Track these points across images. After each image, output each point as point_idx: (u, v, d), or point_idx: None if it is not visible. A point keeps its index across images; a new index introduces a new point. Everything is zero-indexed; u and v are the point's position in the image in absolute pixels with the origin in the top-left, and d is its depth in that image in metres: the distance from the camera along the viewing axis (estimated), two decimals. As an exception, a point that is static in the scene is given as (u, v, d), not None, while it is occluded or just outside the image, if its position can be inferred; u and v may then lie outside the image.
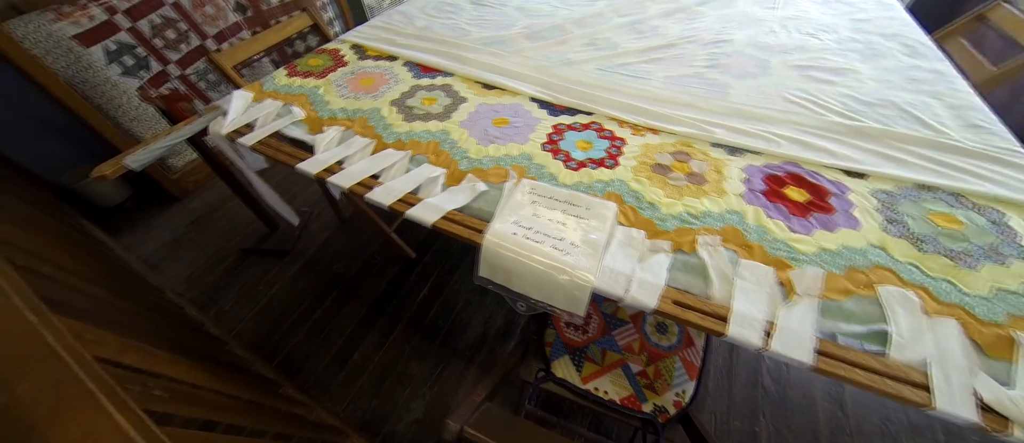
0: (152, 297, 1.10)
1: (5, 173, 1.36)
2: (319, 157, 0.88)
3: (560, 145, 0.92)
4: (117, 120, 1.65)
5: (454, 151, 0.90)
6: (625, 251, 0.70)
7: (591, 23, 1.46)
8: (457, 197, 0.79)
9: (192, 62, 1.85)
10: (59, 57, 1.43)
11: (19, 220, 0.87)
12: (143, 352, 0.57)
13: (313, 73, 1.16)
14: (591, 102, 1.05)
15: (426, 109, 1.02)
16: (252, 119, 1.01)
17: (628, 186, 0.82)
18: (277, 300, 1.47)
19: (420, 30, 1.38)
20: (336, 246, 1.62)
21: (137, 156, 0.91)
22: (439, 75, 1.16)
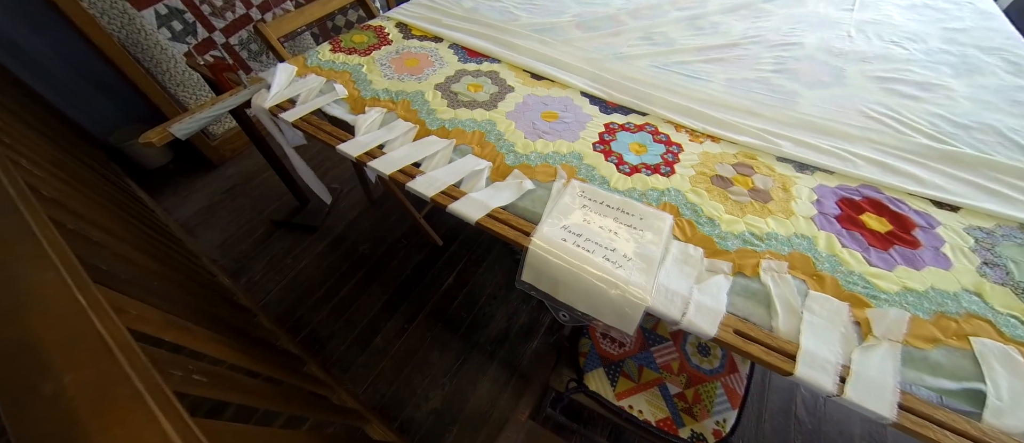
0: (189, 264, 1.12)
1: (62, 130, 1.41)
2: (360, 139, 0.86)
3: (612, 147, 0.86)
4: (163, 84, 1.68)
5: (500, 143, 0.85)
6: (681, 269, 0.65)
7: (647, 15, 1.37)
8: (502, 194, 0.75)
9: (236, 30, 1.86)
10: (114, 18, 1.46)
11: (72, 179, 0.88)
12: (183, 329, 0.57)
13: (357, 50, 1.13)
14: (646, 101, 0.99)
15: (472, 96, 0.98)
16: (294, 94, 0.99)
17: (685, 197, 0.76)
18: (304, 275, 1.48)
19: (467, 12, 1.33)
20: (364, 226, 1.62)
21: (183, 125, 0.90)
22: (486, 60, 1.11)
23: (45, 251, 0.39)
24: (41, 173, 0.74)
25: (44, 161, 0.83)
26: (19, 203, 0.44)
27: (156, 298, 0.66)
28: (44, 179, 0.72)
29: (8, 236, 0.40)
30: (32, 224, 0.43)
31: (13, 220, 0.42)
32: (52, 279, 0.36)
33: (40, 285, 0.35)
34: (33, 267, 0.37)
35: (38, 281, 0.36)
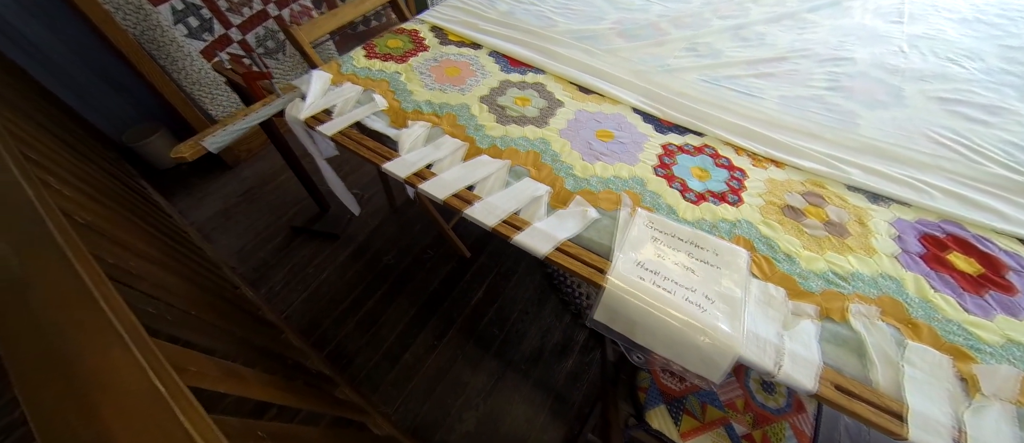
0: (214, 279, 1.07)
1: (79, 132, 1.34)
2: (407, 158, 0.81)
3: (674, 171, 0.82)
4: (179, 82, 1.61)
5: (557, 165, 0.81)
6: (765, 312, 0.61)
7: (689, 24, 1.32)
8: (567, 224, 0.70)
9: (253, 27, 1.79)
10: (129, 14, 1.39)
11: (97, 192, 0.83)
12: (238, 378, 0.52)
13: (393, 56, 1.07)
14: (701, 120, 0.94)
15: (520, 111, 0.93)
16: (330, 104, 0.94)
17: (758, 230, 0.72)
18: (327, 286, 1.44)
19: (503, 15, 1.27)
20: (387, 235, 1.57)
21: (215, 138, 0.85)
22: (529, 71, 1.06)
23: (106, 317, 0.35)
24: (70, 192, 0.69)
25: (70, 175, 0.78)
26: (66, 249, 0.39)
27: (199, 334, 0.62)
28: (75, 200, 0.67)
29: (65, 294, 0.36)
30: (83, 276, 0.38)
31: (67, 276, 0.37)
32: (120, 358, 0.31)
33: (110, 369, 0.31)
34: (98, 340, 0.33)
35: (107, 364, 0.31)
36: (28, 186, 0.47)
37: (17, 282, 0.35)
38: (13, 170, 0.48)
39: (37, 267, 0.37)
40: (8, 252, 0.38)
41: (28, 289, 0.35)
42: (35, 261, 0.38)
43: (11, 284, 0.35)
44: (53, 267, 0.38)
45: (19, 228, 0.41)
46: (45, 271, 0.37)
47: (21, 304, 0.34)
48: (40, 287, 0.35)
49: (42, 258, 0.39)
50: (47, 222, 0.42)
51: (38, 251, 0.39)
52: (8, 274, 0.36)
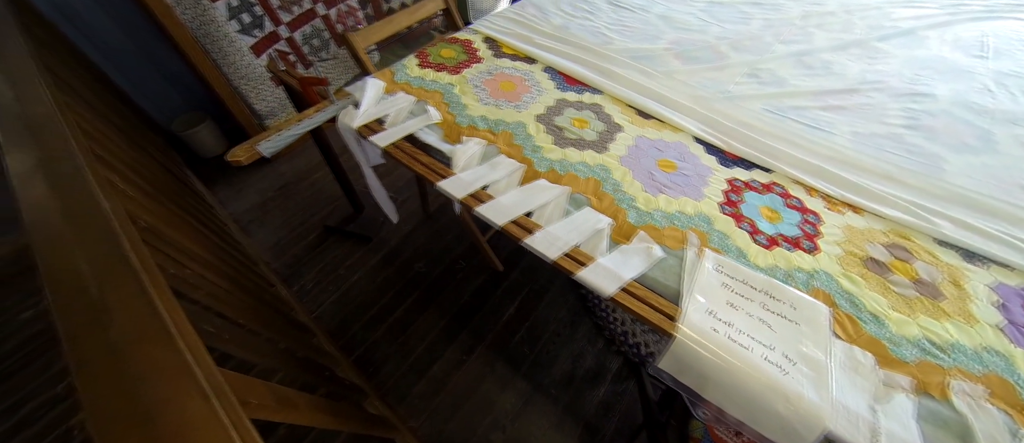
0: (254, 277, 1.07)
1: (132, 119, 1.38)
2: (462, 178, 0.78)
3: (742, 210, 0.77)
4: (228, 75, 1.64)
5: (619, 196, 0.77)
6: (852, 380, 0.56)
7: (749, 48, 1.26)
8: (632, 262, 0.66)
9: (301, 25, 1.81)
10: (188, 8, 1.42)
11: (153, 188, 0.83)
12: (291, 406, 0.50)
13: (446, 66, 1.05)
14: (767, 154, 0.88)
15: (579, 133, 0.89)
16: (383, 113, 0.93)
17: (838, 284, 0.66)
18: (357, 289, 1.43)
19: (557, 30, 1.24)
20: (419, 241, 1.56)
21: (270, 143, 0.85)
22: (586, 90, 1.02)
23: (182, 356, 0.33)
24: (132, 191, 0.69)
25: (130, 171, 0.78)
26: (141, 273, 0.38)
27: (250, 350, 0.60)
28: (136, 200, 0.67)
29: (142, 326, 0.34)
30: (157, 302, 0.36)
31: (142, 303, 0.35)
32: (199, 411, 0.29)
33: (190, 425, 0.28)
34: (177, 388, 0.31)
35: (187, 418, 0.29)
36: (103, 196, 0.46)
37: (96, 309, 0.34)
38: (90, 178, 0.47)
39: (114, 291, 0.36)
40: (88, 274, 0.36)
41: (108, 318, 0.33)
42: (112, 283, 0.37)
43: (91, 310, 0.34)
44: (129, 291, 0.36)
45: (96, 244, 0.40)
46: (122, 297, 0.35)
47: (101, 336, 0.32)
48: (118, 316, 0.34)
49: (118, 280, 0.37)
50: (121, 238, 0.41)
51: (114, 272, 0.38)
52: (88, 299, 0.35)
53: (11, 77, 0.64)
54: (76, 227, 0.41)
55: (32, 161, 0.50)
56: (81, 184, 0.47)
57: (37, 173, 0.48)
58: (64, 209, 0.43)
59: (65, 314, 0.34)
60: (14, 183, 0.48)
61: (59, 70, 0.84)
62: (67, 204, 0.44)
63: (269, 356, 0.63)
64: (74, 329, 0.33)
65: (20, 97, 0.61)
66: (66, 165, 0.50)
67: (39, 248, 0.39)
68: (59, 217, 0.42)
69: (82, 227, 0.41)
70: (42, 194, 0.45)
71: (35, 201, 0.44)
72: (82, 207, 0.44)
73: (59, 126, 0.56)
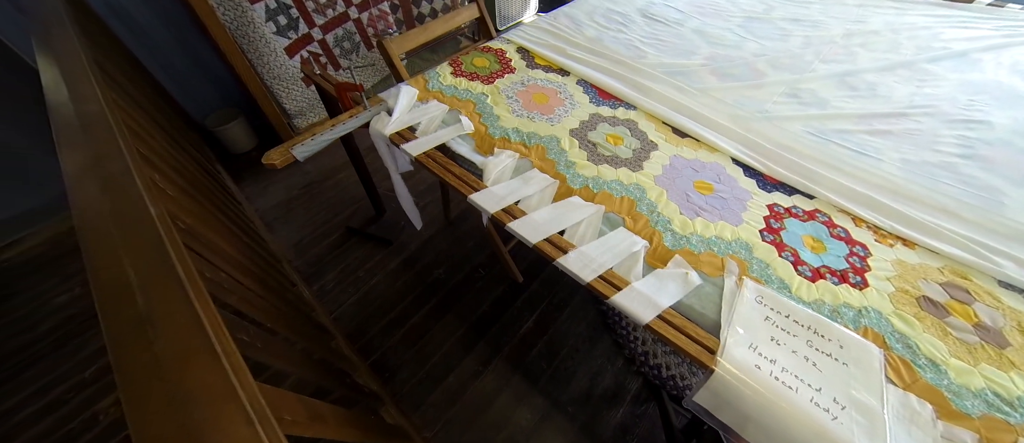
0: (278, 277, 1.08)
1: (170, 114, 1.42)
2: (495, 191, 0.77)
3: (783, 238, 0.73)
4: (261, 75, 1.68)
5: (654, 217, 0.74)
6: (908, 431, 0.52)
7: (788, 66, 1.22)
8: (668, 288, 0.64)
9: (333, 28, 1.85)
10: (229, 10, 1.46)
11: (191, 187, 0.85)
12: (322, 421, 0.49)
13: (479, 76, 1.05)
14: (809, 179, 0.85)
15: (613, 150, 0.87)
16: (415, 121, 0.93)
17: (890, 323, 0.62)
18: (376, 292, 1.43)
19: (590, 42, 1.22)
20: (439, 247, 1.56)
21: (305, 147, 0.85)
22: (620, 105, 1.00)
23: (226, 374, 0.32)
24: (173, 191, 0.70)
25: (170, 169, 0.80)
26: (186, 283, 0.38)
27: (279, 357, 0.60)
28: (176, 200, 0.68)
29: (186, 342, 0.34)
30: (201, 313, 0.36)
31: (186, 317, 0.35)
32: (246, 437, 0.28)
33: None
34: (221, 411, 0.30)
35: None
36: (149, 199, 0.46)
37: (142, 320, 0.34)
38: (137, 180, 0.48)
39: (160, 303, 0.36)
40: (135, 283, 0.36)
41: (153, 331, 0.33)
42: (158, 294, 0.37)
43: (137, 322, 0.34)
44: (174, 303, 0.36)
45: (142, 251, 0.40)
46: (168, 309, 0.35)
47: (147, 350, 0.32)
48: (164, 329, 0.34)
49: (164, 291, 0.37)
50: (166, 245, 0.41)
51: (160, 282, 0.38)
52: (135, 310, 0.34)
53: (66, 73, 0.66)
54: (124, 231, 0.42)
55: (84, 160, 0.51)
56: (129, 185, 0.47)
57: (88, 173, 0.49)
58: (113, 212, 0.43)
59: (112, 323, 0.34)
60: (67, 182, 0.49)
61: (108, 67, 0.87)
62: (116, 206, 0.44)
63: (298, 364, 0.63)
64: (120, 339, 0.33)
65: (74, 94, 0.63)
66: (115, 165, 0.50)
67: (88, 252, 0.39)
68: (109, 221, 0.42)
69: (130, 232, 0.42)
70: (93, 195, 0.46)
71: (86, 202, 0.45)
72: (130, 210, 0.44)
73: (108, 124, 0.58)
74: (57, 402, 1.35)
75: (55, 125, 0.58)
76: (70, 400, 1.36)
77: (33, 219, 1.75)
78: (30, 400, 1.35)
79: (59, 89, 0.62)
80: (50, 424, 1.30)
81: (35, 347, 1.47)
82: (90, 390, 1.38)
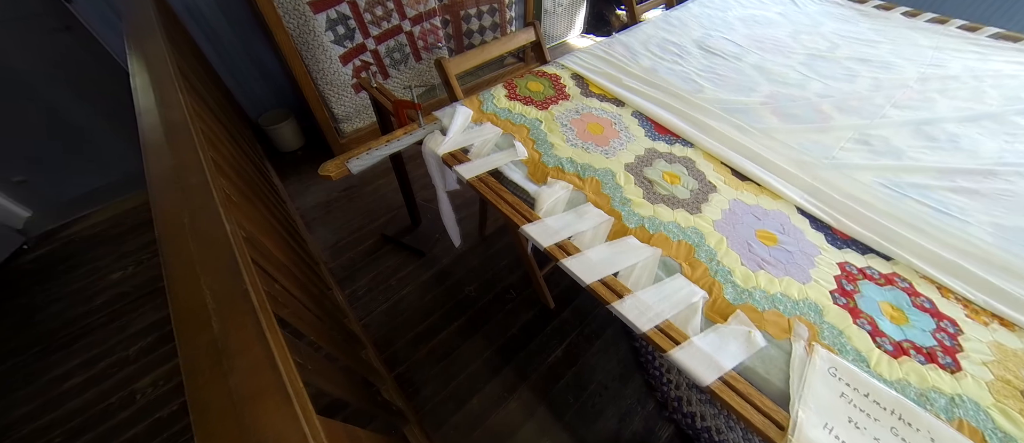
0: (315, 280, 1.09)
1: (230, 112, 1.50)
2: (549, 224, 0.75)
3: (859, 303, 0.67)
4: (316, 80, 1.75)
5: (714, 266, 0.70)
6: None
7: (857, 110, 1.15)
8: (730, 347, 0.59)
9: (385, 39, 1.91)
10: (293, 18, 1.53)
11: (250, 190, 0.88)
12: None
13: (534, 101, 1.04)
14: (885, 238, 0.78)
15: (670, 189, 0.84)
16: (468, 143, 0.92)
17: (990, 419, 0.55)
18: (406, 303, 1.44)
19: (646, 72, 1.20)
20: (472, 264, 1.55)
21: (359, 160, 0.87)
22: (677, 141, 0.97)
23: (293, 409, 0.31)
24: (237, 197, 0.72)
25: (234, 173, 0.83)
26: (259, 312, 0.37)
27: (329, 381, 0.60)
28: (240, 207, 0.70)
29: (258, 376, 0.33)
30: (270, 341, 0.35)
31: (258, 346, 0.34)
32: None
33: None
34: None
35: None
36: (224, 214, 0.47)
37: (219, 351, 0.33)
38: (214, 194, 0.49)
39: (235, 331, 0.35)
40: (211, 306, 0.36)
41: (229, 364, 0.33)
42: (233, 320, 0.37)
43: (214, 351, 0.33)
44: (249, 333, 0.36)
45: (218, 271, 0.40)
46: (242, 340, 0.35)
47: (222, 383, 0.31)
48: (239, 363, 0.33)
49: (239, 318, 0.37)
50: (241, 268, 0.41)
51: (234, 307, 0.38)
52: (210, 337, 0.34)
53: (155, 81, 0.70)
54: (202, 248, 0.42)
55: (167, 169, 0.53)
56: (207, 201, 0.48)
57: (171, 184, 0.50)
58: (192, 228, 0.44)
59: (188, 348, 0.34)
60: (150, 190, 0.50)
61: (188, 73, 0.92)
62: (195, 222, 0.45)
63: (340, 385, 0.63)
64: (196, 366, 0.33)
65: (161, 101, 0.66)
66: (195, 177, 0.52)
67: (168, 268, 0.40)
68: (188, 237, 0.43)
69: (207, 250, 0.42)
70: (174, 209, 0.47)
71: (168, 216, 0.46)
72: (207, 227, 0.45)
73: (189, 133, 0.60)
74: (101, 376, 1.41)
75: (142, 130, 0.61)
76: (113, 375, 1.42)
77: (100, 197, 1.88)
78: (77, 370, 1.42)
79: (147, 95, 0.66)
80: (92, 396, 1.36)
81: (88, 319, 1.55)
82: (131, 368, 1.44)
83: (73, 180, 1.84)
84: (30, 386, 1.35)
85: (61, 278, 1.64)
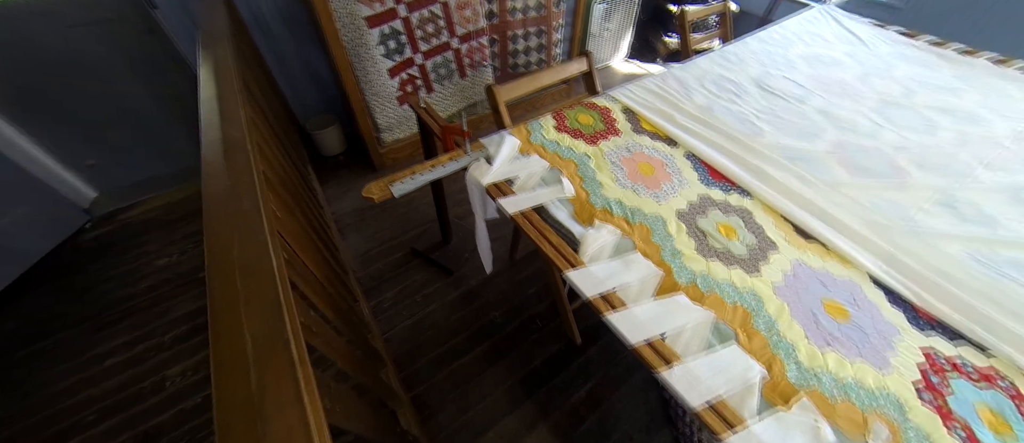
0: (343, 291, 1.09)
1: (281, 115, 1.56)
2: (594, 272, 0.70)
3: (950, 404, 0.58)
4: (363, 91, 1.80)
5: (774, 339, 0.63)
6: None
7: (940, 167, 1.04)
8: (794, 439, 0.52)
9: (433, 55, 1.94)
10: (350, 31, 1.59)
11: (293, 199, 0.89)
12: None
13: (583, 134, 1.01)
14: (980, 325, 0.68)
15: (725, 243, 0.77)
16: (514, 174, 0.90)
17: None
18: (430, 322, 1.42)
19: (700, 110, 1.14)
20: (500, 288, 1.52)
21: (403, 184, 0.86)
22: (733, 189, 0.91)
23: None
24: (282, 212, 0.72)
25: (280, 185, 0.84)
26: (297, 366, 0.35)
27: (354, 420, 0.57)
28: (284, 221, 0.70)
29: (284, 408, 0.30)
30: (306, 403, 0.33)
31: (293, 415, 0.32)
32: None
33: None
34: None
35: None
36: (272, 247, 0.46)
37: (253, 411, 0.32)
38: (264, 224, 0.48)
39: (272, 386, 0.34)
40: (251, 355, 0.35)
41: (263, 429, 0.30)
42: (270, 375, 0.35)
43: (248, 409, 0.32)
44: (285, 392, 0.34)
45: (262, 312, 0.39)
46: (278, 400, 0.33)
47: None
48: (272, 427, 0.31)
49: (276, 371, 0.35)
50: (283, 310, 0.40)
51: (274, 358, 0.36)
52: (247, 393, 0.33)
53: (220, 94, 0.72)
54: (248, 285, 0.41)
55: (222, 190, 0.53)
56: (256, 227, 0.48)
57: (225, 206, 0.50)
58: (241, 260, 0.43)
59: (224, 402, 0.33)
60: (206, 213, 0.50)
61: (251, 84, 0.95)
62: (244, 252, 0.45)
63: (368, 422, 0.60)
64: (230, 425, 0.31)
65: (224, 115, 0.67)
66: (248, 201, 0.52)
67: (214, 305, 0.39)
68: (236, 270, 0.42)
69: (253, 286, 0.41)
70: (225, 231, 0.47)
71: (219, 241, 0.45)
72: (255, 258, 0.44)
73: (246, 153, 0.60)
74: (137, 359, 1.47)
75: (203, 144, 0.62)
76: (148, 359, 1.48)
77: (159, 184, 2.00)
78: (117, 350, 1.49)
79: (212, 109, 0.68)
80: (126, 378, 1.41)
81: (133, 301, 1.63)
82: (165, 354, 1.49)
83: (137, 166, 1.98)
84: (73, 361, 1.42)
85: (114, 259, 1.75)
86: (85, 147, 1.80)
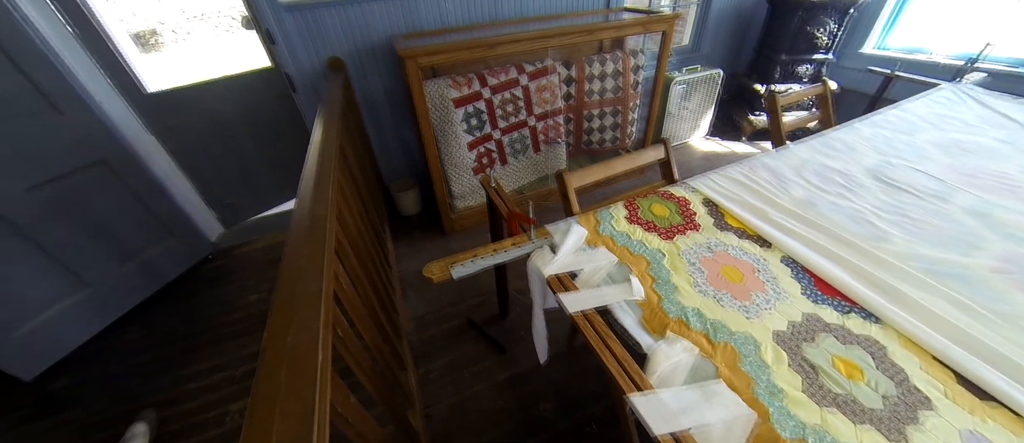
0: (392, 362, 1.06)
1: (370, 177, 1.74)
2: (666, 401, 0.58)
3: None
4: (443, 161, 1.95)
5: None
6: None
7: None
8: None
9: (510, 131, 2.06)
10: (438, 109, 1.78)
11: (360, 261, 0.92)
12: None
13: (657, 227, 0.93)
14: None
15: (847, 387, 0.60)
16: (578, 267, 0.84)
17: None
18: (475, 404, 1.33)
19: (798, 204, 1.00)
20: (554, 376, 1.39)
21: (464, 267, 0.85)
22: (853, 309, 0.73)
23: None
24: (347, 285, 0.74)
25: (354, 254, 0.88)
26: None
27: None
28: (348, 295, 0.71)
29: None
30: None
31: None
32: None
33: None
34: None
35: None
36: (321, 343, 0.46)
37: None
38: (320, 313, 0.49)
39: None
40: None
41: None
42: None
43: None
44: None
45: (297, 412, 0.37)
46: None
47: None
48: None
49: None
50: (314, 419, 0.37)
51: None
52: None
53: (319, 172, 0.80)
54: (290, 380, 0.40)
55: (295, 266, 0.56)
56: (312, 320, 0.48)
57: (292, 282, 0.52)
58: (291, 350, 0.43)
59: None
60: (279, 285, 0.53)
61: (348, 150, 1.07)
62: (296, 341, 0.44)
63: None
64: None
65: (315, 193, 0.74)
66: (313, 284, 0.53)
67: (257, 389, 0.38)
68: (284, 360, 0.42)
69: (293, 387, 0.40)
70: (284, 316, 0.48)
71: (278, 322, 0.46)
72: (304, 351, 0.44)
73: (323, 232, 0.64)
74: (211, 387, 1.59)
75: (295, 215, 0.69)
76: (220, 388, 1.58)
77: (270, 226, 2.32)
78: (200, 375, 1.62)
79: (308, 182, 0.76)
80: (199, 405, 1.51)
81: (223, 330, 1.81)
82: (233, 388, 1.59)
83: (258, 209, 2.34)
84: (165, 374, 1.57)
85: (221, 289, 1.99)
86: (226, 187, 2.19)
